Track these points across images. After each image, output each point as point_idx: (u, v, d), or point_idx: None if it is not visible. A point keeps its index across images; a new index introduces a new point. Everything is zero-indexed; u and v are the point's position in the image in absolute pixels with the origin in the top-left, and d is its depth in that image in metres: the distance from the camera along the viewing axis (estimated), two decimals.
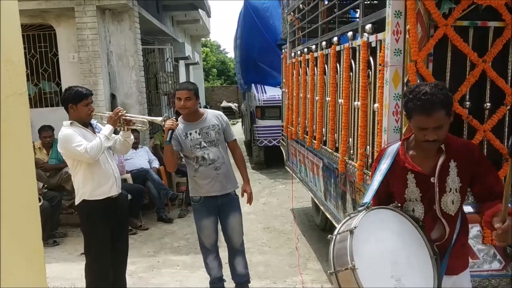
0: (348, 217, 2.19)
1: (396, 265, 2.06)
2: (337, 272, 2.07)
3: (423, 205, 2.22)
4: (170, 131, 3.59)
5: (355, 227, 2.05)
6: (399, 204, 2.23)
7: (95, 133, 3.88)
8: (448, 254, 2.20)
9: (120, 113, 3.85)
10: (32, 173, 1.46)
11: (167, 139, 3.61)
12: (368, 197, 2.22)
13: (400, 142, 2.31)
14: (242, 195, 4.04)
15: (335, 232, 2.17)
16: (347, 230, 2.08)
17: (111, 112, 3.98)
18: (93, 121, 4.01)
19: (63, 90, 6.93)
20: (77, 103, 3.74)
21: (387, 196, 2.30)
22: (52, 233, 5.86)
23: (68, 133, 3.68)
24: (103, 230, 3.83)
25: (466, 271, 2.34)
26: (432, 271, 2.12)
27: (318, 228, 5.96)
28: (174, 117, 3.71)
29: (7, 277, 1.35)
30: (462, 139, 2.38)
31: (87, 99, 3.77)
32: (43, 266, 1.64)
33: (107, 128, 3.84)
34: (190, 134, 3.79)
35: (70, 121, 3.76)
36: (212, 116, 3.91)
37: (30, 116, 1.44)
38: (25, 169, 1.41)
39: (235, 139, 4.07)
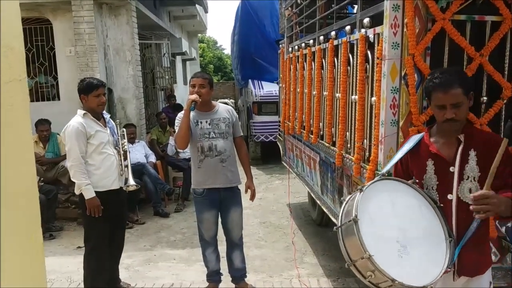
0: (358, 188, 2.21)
1: (404, 233, 2.07)
2: (342, 226, 2.08)
3: (437, 194, 2.22)
4: (193, 103, 3.64)
5: (366, 186, 2.09)
6: (417, 181, 2.25)
7: (106, 126, 3.91)
8: (459, 248, 2.16)
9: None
10: (31, 159, 1.46)
11: (191, 107, 3.65)
12: (387, 167, 2.26)
13: (424, 132, 2.34)
14: (246, 191, 4.07)
15: (348, 197, 2.20)
16: (357, 189, 2.12)
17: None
18: (106, 115, 4.06)
19: (60, 84, 7.01)
20: (88, 93, 3.83)
21: (406, 177, 2.30)
22: (48, 226, 5.86)
23: (76, 131, 3.73)
24: (104, 222, 3.85)
25: (487, 273, 2.29)
26: (445, 251, 2.10)
27: (314, 223, 5.98)
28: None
29: (7, 268, 1.35)
30: (491, 133, 2.40)
31: (98, 90, 3.85)
32: (42, 256, 1.64)
33: (79, 186, 3.78)
34: (201, 123, 3.81)
35: (84, 112, 3.84)
36: (223, 109, 3.93)
37: (29, 102, 1.44)
38: (25, 155, 1.41)
39: (242, 136, 4.09)
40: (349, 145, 3.64)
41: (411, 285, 1.95)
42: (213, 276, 4.12)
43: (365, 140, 3.31)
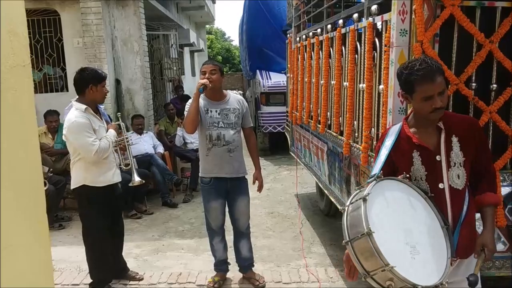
0: (358, 190, 2.17)
1: (410, 233, 2.05)
2: (352, 241, 2.03)
3: (427, 184, 2.22)
4: (202, 86, 3.63)
5: (368, 194, 2.04)
6: (408, 175, 2.23)
7: (102, 119, 3.89)
8: (457, 232, 2.18)
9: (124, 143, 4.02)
10: (36, 143, 1.46)
11: (200, 89, 3.63)
12: (376, 168, 2.21)
13: (401, 122, 2.32)
14: (254, 182, 4.07)
15: (347, 203, 2.15)
16: (360, 199, 2.06)
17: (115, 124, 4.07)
18: (100, 107, 4.02)
19: (68, 75, 7.03)
20: (98, 83, 3.74)
21: (392, 174, 2.29)
22: (57, 216, 5.90)
23: (83, 124, 3.66)
24: (103, 217, 3.85)
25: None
26: (445, 240, 2.11)
27: (322, 213, 5.97)
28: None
29: (13, 257, 1.36)
30: (460, 115, 2.36)
31: (105, 80, 3.82)
32: (48, 245, 1.65)
33: (113, 134, 3.86)
34: (211, 111, 3.80)
35: (85, 107, 3.72)
36: (234, 99, 3.91)
37: (33, 88, 1.44)
38: (29, 140, 1.41)
39: (252, 127, 4.08)
40: (356, 134, 3.62)
41: (429, 285, 1.94)
42: (221, 266, 4.13)
43: (372, 129, 3.28)
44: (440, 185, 2.20)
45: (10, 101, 1.28)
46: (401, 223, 2.08)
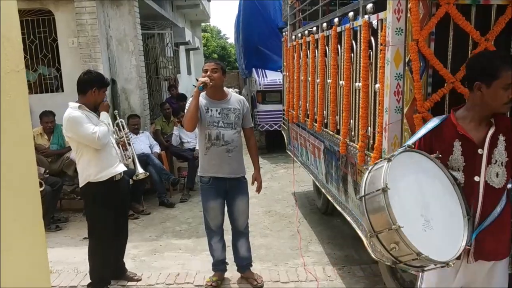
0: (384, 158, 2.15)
1: (427, 207, 2.03)
2: (366, 196, 2.00)
3: (463, 175, 2.20)
4: (202, 84, 3.62)
5: (394, 155, 2.02)
6: (440, 155, 2.19)
7: (99, 118, 3.92)
8: (481, 228, 2.16)
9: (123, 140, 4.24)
10: (31, 150, 1.46)
11: (200, 87, 3.62)
12: (411, 140, 2.19)
13: (447, 114, 2.30)
14: (253, 183, 4.07)
15: (371, 166, 2.13)
16: (384, 159, 2.05)
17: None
18: None
19: (63, 75, 7.00)
20: (100, 88, 3.83)
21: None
22: (54, 218, 5.89)
23: (79, 116, 3.70)
24: (108, 213, 3.87)
25: (506, 259, 2.30)
26: (463, 228, 2.09)
27: (319, 212, 5.98)
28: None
29: (9, 259, 1.35)
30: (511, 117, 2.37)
31: (106, 88, 3.93)
32: (44, 248, 1.64)
33: (105, 116, 3.89)
34: (211, 110, 3.79)
35: (79, 104, 3.78)
36: (235, 99, 3.90)
37: (28, 95, 1.43)
38: (24, 146, 1.40)
39: (252, 127, 4.08)
40: (353, 133, 3.62)
41: (435, 259, 1.92)
42: (219, 265, 4.13)
43: (369, 128, 3.28)
44: (476, 178, 2.18)
45: (4, 106, 1.27)
46: (419, 195, 2.05)
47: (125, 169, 4.06)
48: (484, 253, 2.20)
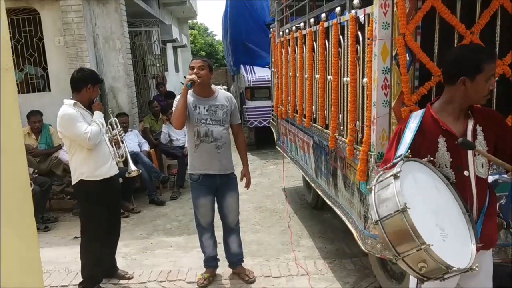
0: (382, 172, 2.11)
1: (437, 216, 2.00)
2: (383, 219, 1.92)
3: (452, 171, 2.21)
4: (190, 81, 3.63)
5: (399, 171, 1.95)
6: (432, 159, 2.19)
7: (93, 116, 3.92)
8: (481, 221, 2.18)
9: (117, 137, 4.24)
10: (21, 150, 1.45)
11: (188, 85, 3.63)
12: (402, 149, 2.15)
13: (423, 109, 2.30)
14: (241, 179, 4.07)
15: (373, 183, 2.07)
16: (390, 176, 1.97)
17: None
18: None
19: (49, 75, 6.93)
20: (94, 84, 3.85)
21: (416, 157, 2.25)
22: (43, 218, 5.85)
23: (73, 114, 3.71)
24: (100, 211, 3.87)
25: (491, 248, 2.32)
26: (467, 226, 2.08)
27: (309, 206, 6.01)
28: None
29: (2, 260, 1.35)
30: (488, 108, 2.39)
31: (99, 84, 3.95)
32: (37, 248, 1.64)
33: (99, 115, 3.88)
34: (199, 108, 3.79)
35: (74, 101, 3.78)
36: (222, 96, 3.90)
37: (16, 91, 1.42)
38: (15, 146, 1.40)
39: (240, 123, 4.09)
40: (342, 127, 3.64)
41: (462, 268, 1.87)
42: (210, 262, 4.14)
43: (357, 122, 3.30)
44: (465, 173, 2.19)
45: None
46: (428, 205, 2.03)
47: (118, 172, 4.05)
48: (485, 243, 2.19)
